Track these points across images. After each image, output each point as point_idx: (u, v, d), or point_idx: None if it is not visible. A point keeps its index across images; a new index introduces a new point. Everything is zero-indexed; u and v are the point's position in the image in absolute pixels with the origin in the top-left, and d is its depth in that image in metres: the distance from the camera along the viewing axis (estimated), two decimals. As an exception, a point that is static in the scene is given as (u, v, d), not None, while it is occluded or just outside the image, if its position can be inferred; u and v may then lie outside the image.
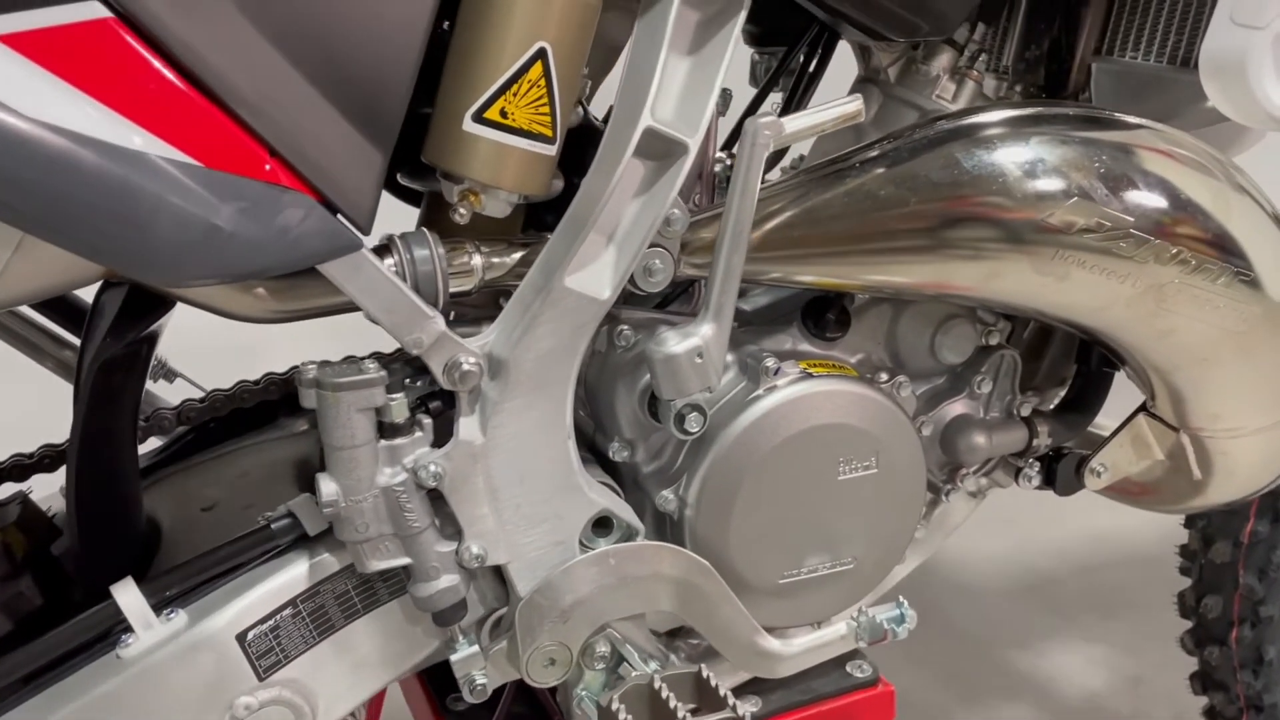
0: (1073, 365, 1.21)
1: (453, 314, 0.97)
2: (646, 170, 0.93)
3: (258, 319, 0.90)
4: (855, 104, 0.94)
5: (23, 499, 1.02)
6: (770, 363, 1.01)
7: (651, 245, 0.94)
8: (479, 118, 0.87)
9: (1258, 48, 0.94)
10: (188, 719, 0.91)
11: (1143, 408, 1.17)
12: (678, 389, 0.95)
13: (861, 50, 1.19)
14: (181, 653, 0.90)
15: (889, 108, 1.15)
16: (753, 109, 1.25)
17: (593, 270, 0.92)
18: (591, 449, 1.07)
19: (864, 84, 1.18)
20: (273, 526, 0.94)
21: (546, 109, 0.89)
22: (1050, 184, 0.95)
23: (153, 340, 0.97)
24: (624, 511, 0.99)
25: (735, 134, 1.17)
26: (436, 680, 1.17)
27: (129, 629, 0.90)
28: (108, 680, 0.89)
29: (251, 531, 0.95)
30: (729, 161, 1.12)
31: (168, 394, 1.23)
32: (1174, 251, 0.97)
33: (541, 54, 0.87)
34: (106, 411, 0.94)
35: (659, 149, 0.91)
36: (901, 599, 1.03)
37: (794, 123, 0.93)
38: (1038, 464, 1.18)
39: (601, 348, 1.03)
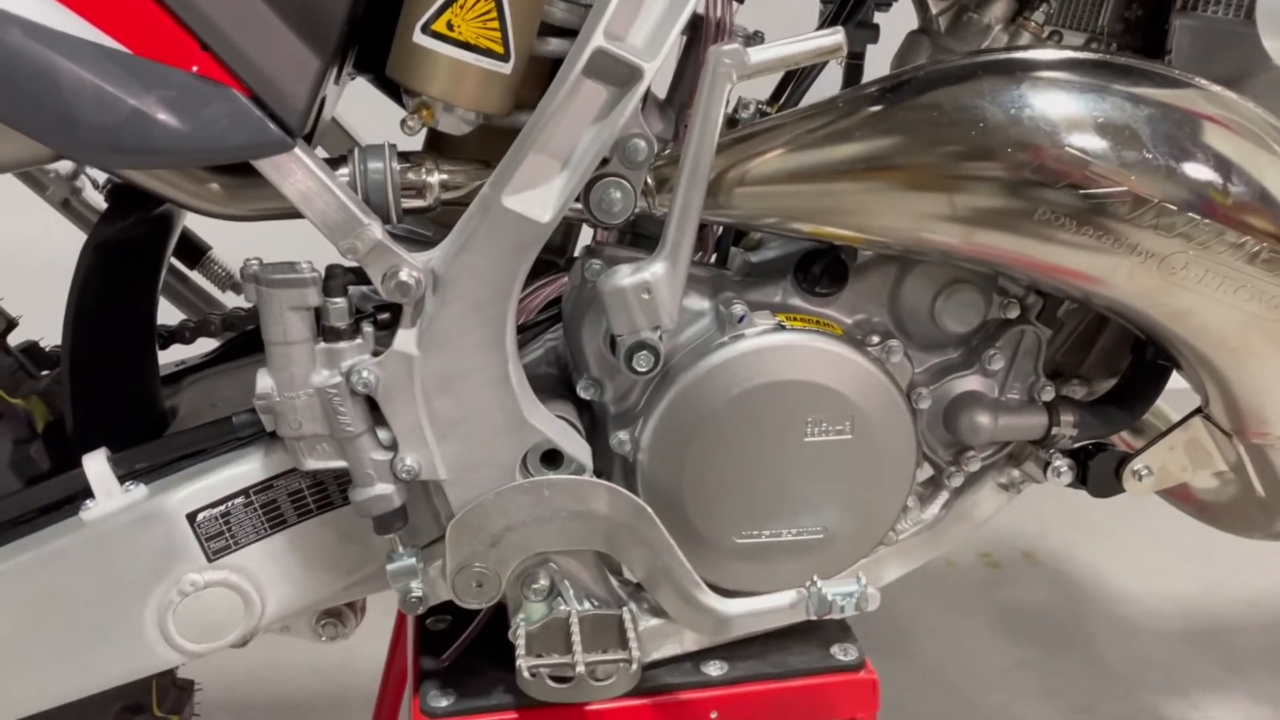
0: (1129, 355, 1.09)
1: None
2: (607, 95, 0.91)
3: (225, 215, 0.94)
4: (834, 37, 0.89)
5: (56, 374, 1.12)
6: (737, 309, 0.97)
7: (612, 175, 0.92)
8: (427, 29, 0.89)
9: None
10: (137, 583, 0.97)
11: (1199, 410, 1.04)
12: (626, 324, 0.93)
13: (918, 1, 1.12)
14: (135, 521, 0.97)
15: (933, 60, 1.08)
16: None
17: (537, 192, 0.91)
18: (570, 387, 1.06)
19: (915, 36, 1.11)
20: (234, 420, 0.99)
21: (495, 23, 0.89)
22: (1034, 128, 0.86)
23: (159, 232, 1.04)
24: (570, 445, 0.98)
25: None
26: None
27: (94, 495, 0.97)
28: (64, 537, 0.97)
29: (216, 421, 1.00)
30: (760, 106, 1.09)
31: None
32: (1187, 219, 0.86)
33: (486, -35, 0.87)
34: (106, 292, 1.01)
35: (619, 74, 0.89)
36: (862, 577, 0.97)
37: (761, 53, 0.89)
38: (1066, 458, 1.07)
39: (577, 282, 1.02)
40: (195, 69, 0.83)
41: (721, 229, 1.08)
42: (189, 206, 0.94)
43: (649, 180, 0.96)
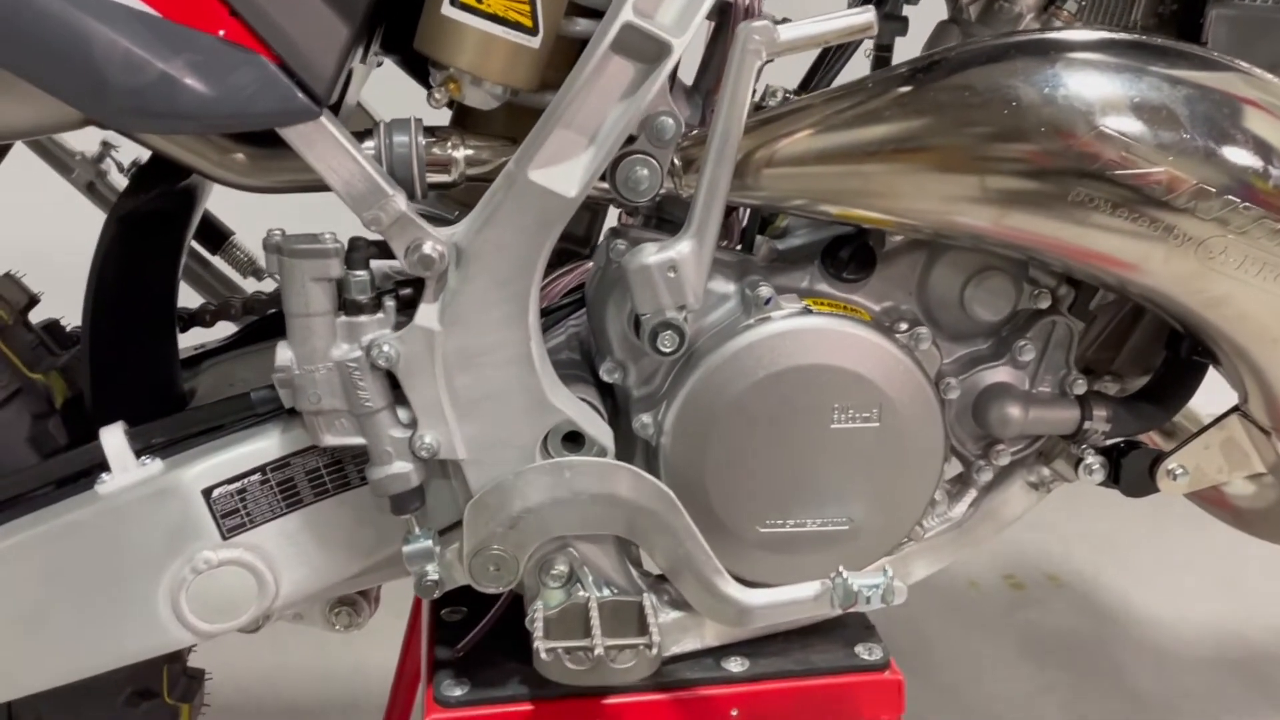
0: (1162, 352, 1.07)
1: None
2: (635, 72, 0.90)
3: (248, 186, 0.94)
4: (866, 15, 0.88)
5: (78, 345, 1.11)
6: (764, 291, 0.95)
7: (638, 153, 0.91)
8: (456, 1, 0.88)
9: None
10: (151, 559, 0.96)
11: (1237, 407, 1.02)
12: (651, 303, 0.91)
13: (951, -10, 1.11)
14: (150, 496, 0.95)
15: (964, 49, 1.06)
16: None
17: (563, 167, 0.90)
18: (593, 372, 1.05)
19: (945, 26, 1.10)
20: (252, 396, 0.98)
21: (524, -4, 0.88)
22: (1069, 109, 0.84)
23: (183, 207, 1.04)
24: (592, 427, 0.96)
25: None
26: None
27: (110, 469, 0.96)
28: (79, 510, 0.95)
29: (235, 397, 0.99)
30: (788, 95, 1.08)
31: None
32: (1225, 203, 0.84)
33: (515, -62, 0.87)
34: (128, 265, 1.01)
35: (647, 50, 0.88)
36: (889, 569, 0.94)
37: (791, 30, 0.88)
38: (1099, 455, 1.04)
39: (601, 263, 1.00)
40: (223, 34, 0.83)
41: (747, 216, 1.07)
42: (213, 176, 0.93)
43: (676, 161, 0.95)
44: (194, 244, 1.26)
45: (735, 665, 1.05)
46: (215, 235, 1.29)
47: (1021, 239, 0.90)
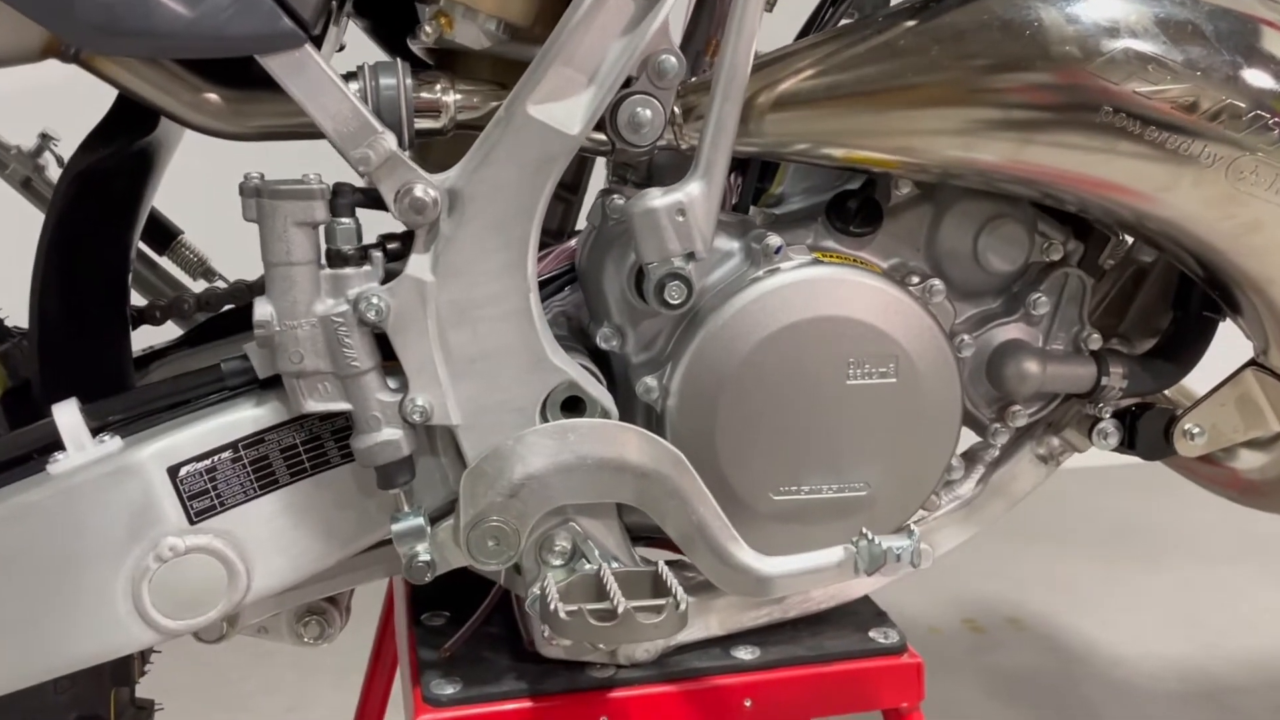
0: (1169, 313, 1.04)
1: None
2: (634, 8, 0.86)
3: (221, 132, 0.88)
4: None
5: (19, 338, 1.02)
6: (773, 240, 0.91)
7: (640, 93, 0.87)
8: (449, -71, 0.84)
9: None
10: (109, 546, 0.86)
11: (1253, 360, 0.99)
12: (658, 250, 0.86)
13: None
14: (109, 475, 0.86)
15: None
16: None
17: (564, 104, 0.85)
18: (585, 343, 0.99)
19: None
20: (223, 366, 0.90)
21: (517, -76, 0.84)
22: (1093, 28, 0.82)
23: (140, 167, 0.96)
24: (594, 389, 0.90)
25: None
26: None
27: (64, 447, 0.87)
28: (28, 492, 0.86)
29: (203, 369, 0.91)
30: None
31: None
32: (1255, 120, 0.82)
33: None
34: (82, 228, 0.93)
35: (650, -15, 0.85)
36: (915, 529, 0.89)
37: (800, -39, 0.85)
38: (1114, 419, 1.01)
39: (596, 221, 0.95)
40: (203, -52, 0.77)
41: (741, 184, 1.03)
42: (183, 119, 0.86)
43: (676, 110, 0.91)
44: (141, 244, 1.18)
45: (745, 653, 0.98)
46: (163, 234, 1.21)
47: (1041, 173, 0.87)
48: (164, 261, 1.22)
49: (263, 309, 0.84)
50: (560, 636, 0.84)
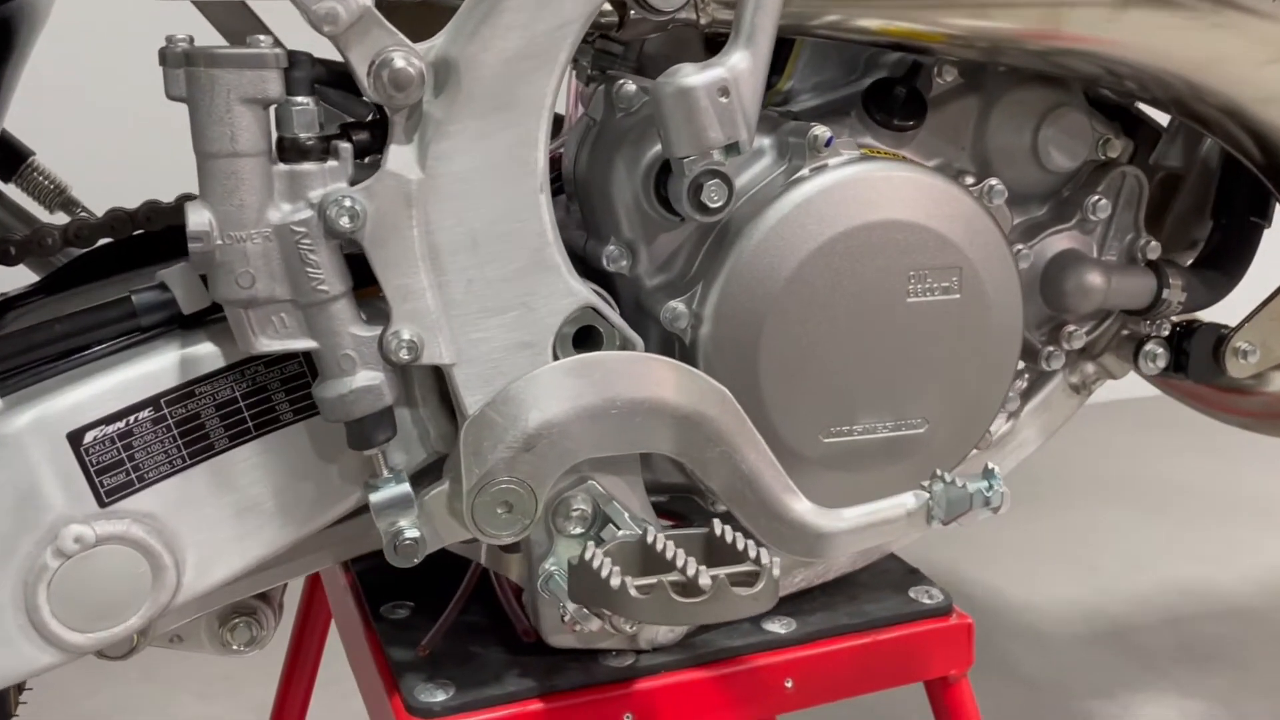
0: (1207, 223, 0.95)
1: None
2: None
3: None
4: None
5: None
6: (821, 132, 0.75)
7: (667, -52, 0.70)
8: None
9: None
10: (-9, 542, 0.65)
11: (1301, 270, 0.90)
12: (696, 141, 0.70)
13: None
14: (-14, 447, 0.65)
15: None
16: None
17: (580, -49, 0.67)
18: (583, 265, 0.81)
19: None
20: (135, 299, 0.69)
21: None
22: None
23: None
24: (615, 317, 0.73)
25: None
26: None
27: (-81, 414, 0.65)
28: (-128, 476, 0.63)
29: (108, 303, 0.69)
30: None
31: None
32: None
33: None
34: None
35: None
36: (993, 467, 0.75)
37: None
38: (1160, 342, 0.90)
39: (598, 115, 0.78)
40: None
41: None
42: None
43: None
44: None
45: (780, 626, 0.84)
46: (12, 157, 0.97)
47: (1099, 42, 0.74)
48: (11, 190, 0.98)
49: (198, 216, 0.64)
50: (629, 618, 0.66)
